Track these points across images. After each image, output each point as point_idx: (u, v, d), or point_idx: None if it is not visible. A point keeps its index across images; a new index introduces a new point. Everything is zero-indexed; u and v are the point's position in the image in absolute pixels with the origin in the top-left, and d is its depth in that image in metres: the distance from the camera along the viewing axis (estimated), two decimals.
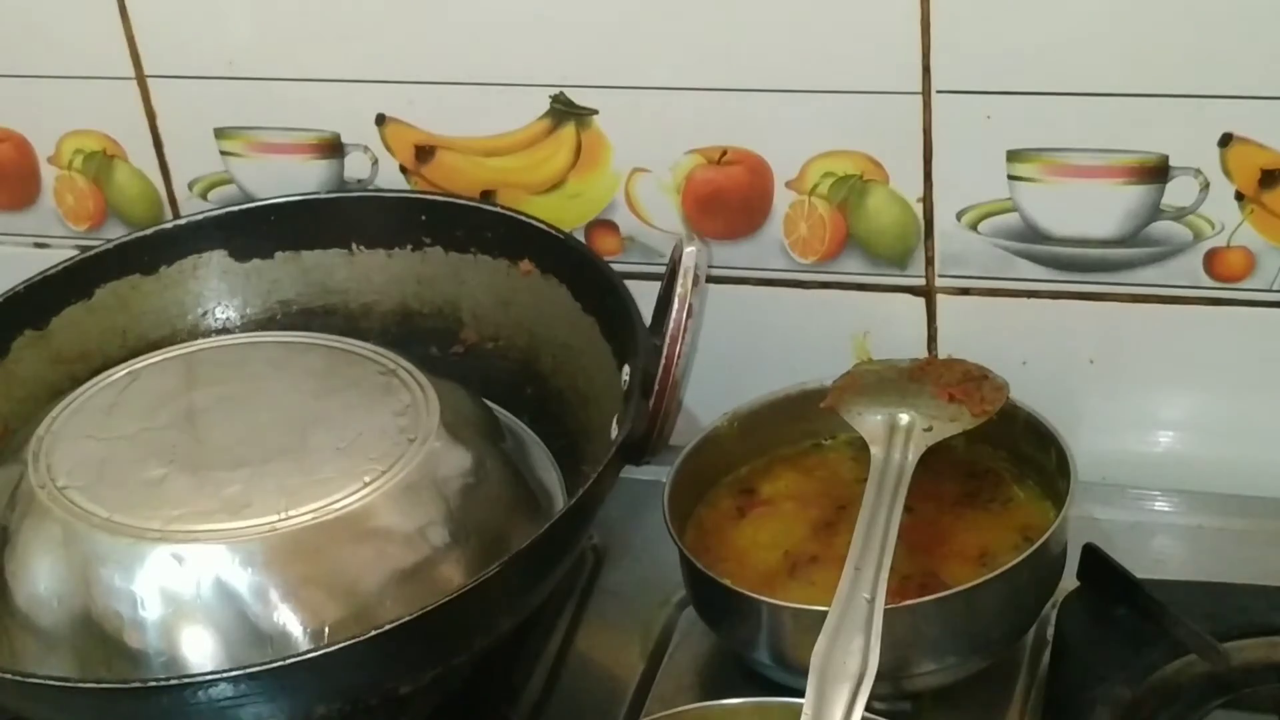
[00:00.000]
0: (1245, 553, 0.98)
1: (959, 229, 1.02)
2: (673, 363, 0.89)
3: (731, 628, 0.92)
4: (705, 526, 0.97)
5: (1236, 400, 1.02)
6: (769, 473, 1.00)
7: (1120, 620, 0.90)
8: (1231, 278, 0.99)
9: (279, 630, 0.84)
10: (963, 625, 0.88)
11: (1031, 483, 0.97)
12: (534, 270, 1.03)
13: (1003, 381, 0.96)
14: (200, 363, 1.00)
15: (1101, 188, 0.98)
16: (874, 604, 0.82)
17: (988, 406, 0.94)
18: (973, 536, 0.94)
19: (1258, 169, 0.95)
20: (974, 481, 0.98)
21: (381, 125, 1.10)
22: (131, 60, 1.13)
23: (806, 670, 0.80)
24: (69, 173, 1.20)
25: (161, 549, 0.85)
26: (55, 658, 0.86)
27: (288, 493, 0.87)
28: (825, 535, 0.95)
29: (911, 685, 0.90)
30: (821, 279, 1.06)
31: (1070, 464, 0.92)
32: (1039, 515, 0.94)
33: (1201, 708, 0.87)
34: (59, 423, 0.95)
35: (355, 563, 0.86)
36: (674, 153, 1.05)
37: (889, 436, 0.92)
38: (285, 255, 1.10)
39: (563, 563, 0.88)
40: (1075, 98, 0.96)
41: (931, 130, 0.99)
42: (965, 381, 0.96)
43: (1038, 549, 0.88)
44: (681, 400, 0.94)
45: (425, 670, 0.83)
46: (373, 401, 0.94)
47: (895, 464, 0.91)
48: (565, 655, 0.98)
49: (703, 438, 0.99)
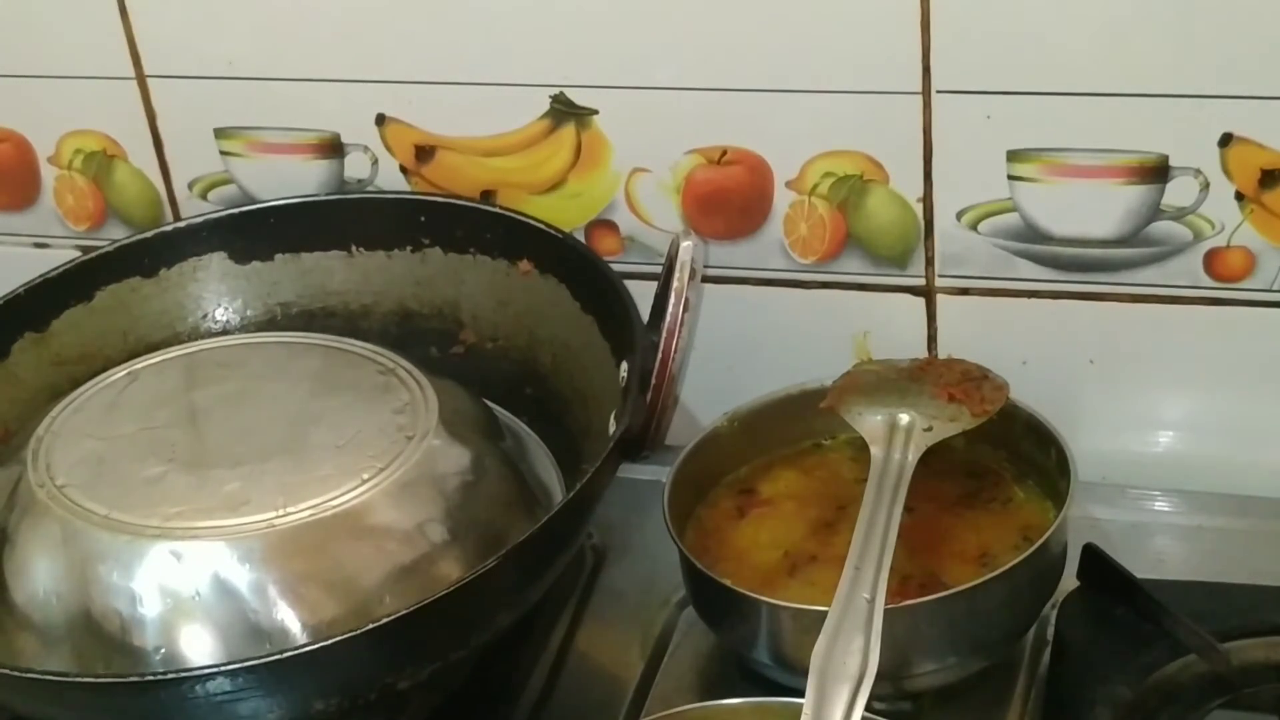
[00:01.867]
0: (1245, 553, 0.98)
1: (959, 229, 1.02)
2: (669, 357, 0.90)
3: (731, 628, 0.92)
4: (705, 526, 0.97)
5: (1236, 400, 1.02)
6: (769, 473, 1.00)
7: (1120, 620, 0.90)
8: (1231, 278, 0.98)
9: (278, 627, 0.84)
10: (963, 625, 0.88)
11: (1031, 483, 0.96)
12: (533, 270, 1.03)
13: (1003, 381, 0.96)
14: (199, 363, 1.00)
15: (1101, 188, 0.98)
16: (874, 604, 0.82)
17: (988, 406, 0.94)
18: (973, 536, 0.93)
19: (1258, 169, 0.95)
20: (974, 481, 0.98)
21: (381, 125, 1.10)
22: (131, 60, 1.13)
23: (806, 670, 0.80)
24: (69, 173, 1.20)
25: (160, 546, 0.85)
26: (55, 655, 0.86)
27: (286, 490, 0.87)
28: (825, 535, 0.95)
29: (911, 685, 0.90)
30: (821, 279, 1.06)
31: (1070, 464, 0.92)
32: (1039, 515, 0.94)
33: (1201, 708, 0.86)
34: (58, 423, 0.95)
35: (354, 559, 0.86)
36: (674, 153, 1.05)
37: (889, 436, 0.92)
38: (285, 257, 1.10)
39: (561, 558, 0.88)
40: (1075, 98, 0.96)
41: (931, 130, 0.99)
42: (965, 381, 0.96)
43: (1038, 549, 0.88)
44: (679, 395, 0.94)
45: (424, 665, 0.83)
46: (371, 400, 0.94)
47: (895, 464, 0.91)
48: (565, 655, 0.98)
49: (703, 438, 0.99)
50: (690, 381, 1.02)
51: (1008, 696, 0.91)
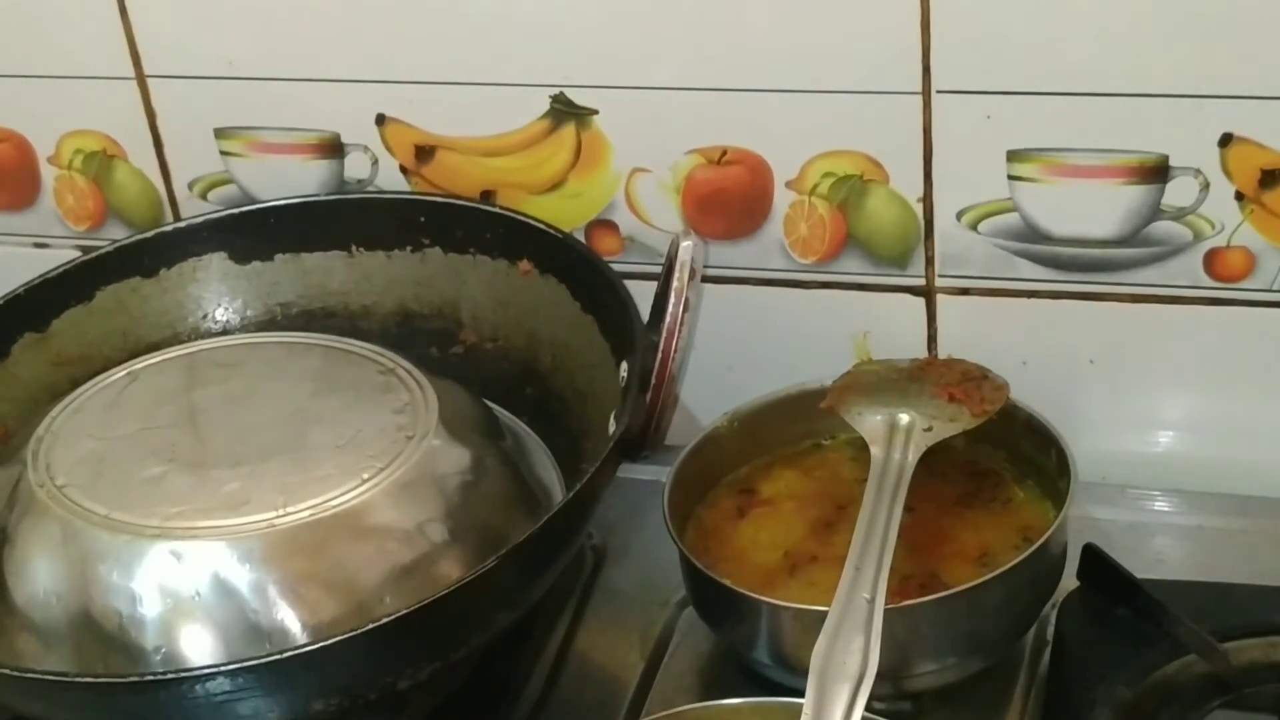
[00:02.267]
0: (1245, 553, 0.98)
1: (959, 229, 1.01)
2: (669, 357, 0.89)
3: (731, 628, 0.92)
4: (705, 526, 0.97)
5: (1236, 400, 1.02)
6: (769, 473, 1.00)
7: (1120, 620, 0.90)
8: (1231, 278, 0.98)
9: (277, 626, 0.84)
10: (963, 625, 0.88)
11: (1031, 483, 0.96)
12: (533, 270, 1.03)
13: (1003, 381, 0.96)
14: (199, 363, 1.00)
15: (1101, 188, 0.98)
16: (874, 604, 0.82)
17: (988, 406, 0.94)
18: (973, 536, 0.93)
19: (1258, 169, 0.95)
20: (974, 481, 0.98)
21: (381, 125, 1.10)
22: (131, 60, 1.13)
23: (806, 670, 0.79)
24: (69, 173, 1.20)
25: (160, 546, 0.85)
26: (55, 655, 0.86)
27: (286, 489, 0.87)
28: (825, 535, 0.95)
29: (911, 685, 0.90)
30: (821, 279, 1.06)
31: (1070, 464, 0.92)
32: (1039, 515, 0.94)
33: (1201, 708, 0.86)
34: (58, 423, 0.95)
35: (354, 559, 0.86)
36: (674, 153, 1.05)
37: (889, 436, 0.92)
38: (285, 257, 1.10)
39: (561, 558, 0.88)
40: (1075, 98, 0.96)
41: (931, 130, 0.99)
42: (965, 381, 0.96)
43: (1038, 549, 0.88)
44: (678, 394, 0.94)
45: (423, 665, 0.83)
46: (371, 400, 0.94)
47: (895, 464, 0.91)
48: (565, 655, 0.98)
49: (703, 437, 0.99)
50: (690, 381, 1.02)
51: (1008, 696, 0.91)
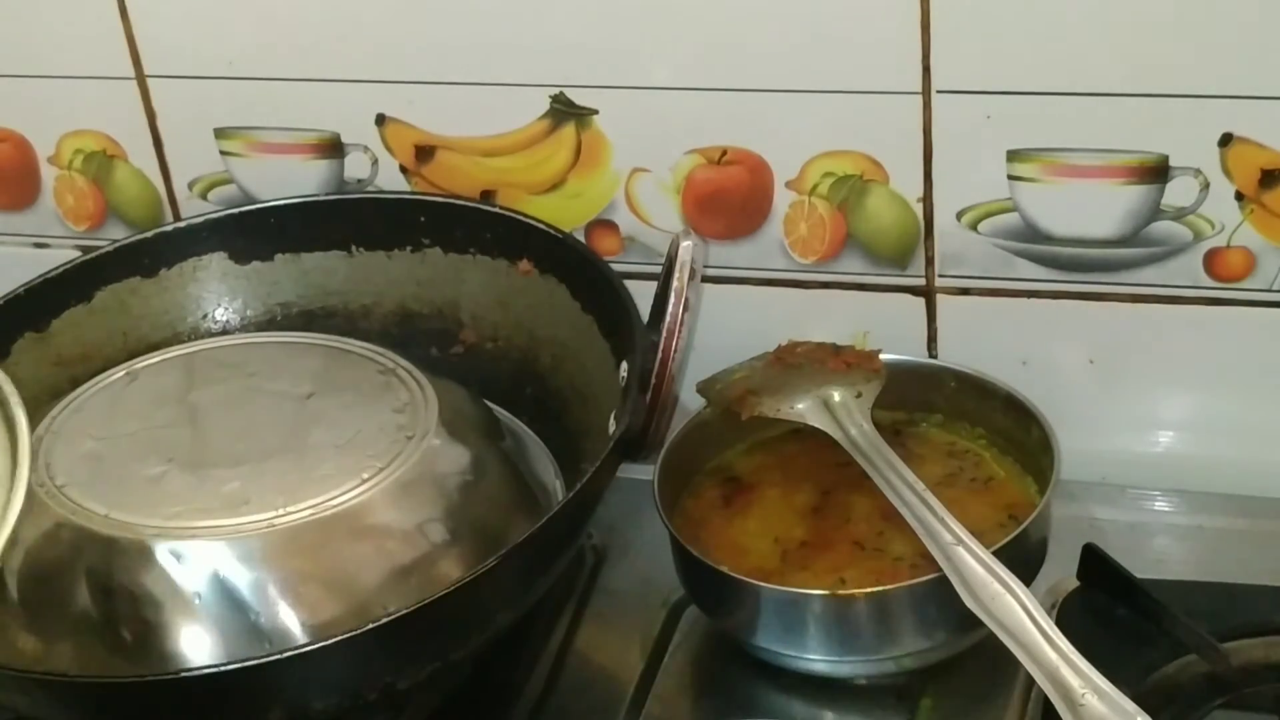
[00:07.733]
0: (1245, 553, 0.98)
1: (959, 229, 1.01)
2: (669, 357, 0.90)
3: (728, 614, 0.92)
4: (693, 516, 0.97)
5: (1236, 400, 1.02)
6: (750, 459, 1.01)
7: (1120, 620, 0.90)
8: (1231, 278, 0.98)
9: (277, 626, 0.84)
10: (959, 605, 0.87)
11: (1011, 460, 0.98)
12: (533, 270, 1.03)
13: None
14: (199, 363, 1.00)
15: (1101, 188, 0.98)
16: (965, 543, 0.85)
17: (875, 365, 0.97)
18: (958, 516, 0.92)
19: (1258, 169, 0.95)
20: (954, 461, 0.99)
21: (381, 125, 1.10)
22: (131, 60, 1.13)
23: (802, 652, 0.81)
24: (69, 173, 1.20)
25: (160, 546, 0.85)
26: (55, 655, 0.86)
27: (286, 489, 0.87)
28: (813, 520, 0.95)
29: (903, 665, 0.90)
30: (821, 279, 1.06)
31: (1052, 439, 0.93)
32: (1022, 493, 0.95)
33: (1201, 708, 0.86)
34: (58, 422, 0.95)
35: (354, 559, 0.86)
36: (674, 153, 1.05)
37: (833, 416, 0.94)
38: (285, 257, 1.10)
39: (561, 558, 0.88)
40: (1075, 98, 0.96)
41: (931, 130, 0.99)
42: (839, 353, 0.99)
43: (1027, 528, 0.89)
44: (679, 395, 0.94)
45: (423, 665, 0.83)
46: (371, 400, 0.94)
47: (861, 436, 0.93)
48: (565, 655, 0.98)
49: (689, 425, 0.99)
50: (690, 381, 1.02)
51: (1008, 695, 0.91)
